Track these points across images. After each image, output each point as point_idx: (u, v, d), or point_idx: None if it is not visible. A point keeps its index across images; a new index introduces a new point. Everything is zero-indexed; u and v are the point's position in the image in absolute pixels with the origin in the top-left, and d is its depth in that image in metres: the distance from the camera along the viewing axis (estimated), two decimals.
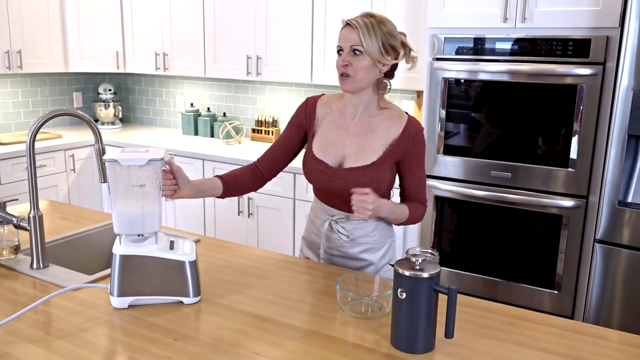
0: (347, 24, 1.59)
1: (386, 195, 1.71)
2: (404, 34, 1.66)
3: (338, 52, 1.61)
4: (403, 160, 1.67)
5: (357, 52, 1.56)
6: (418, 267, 1.19)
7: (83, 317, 1.37)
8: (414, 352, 1.23)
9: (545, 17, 2.50)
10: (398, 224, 1.74)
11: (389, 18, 1.62)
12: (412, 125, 1.66)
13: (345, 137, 1.68)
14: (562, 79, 2.49)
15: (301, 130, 1.77)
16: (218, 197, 1.70)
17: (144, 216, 1.41)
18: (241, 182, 1.74)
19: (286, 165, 1.81)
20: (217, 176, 1.70)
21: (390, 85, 1.65)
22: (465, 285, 2.88)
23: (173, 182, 1.52)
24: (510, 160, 2.67)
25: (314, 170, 1.70)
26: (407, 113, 1.70)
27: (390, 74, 1.66)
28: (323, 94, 1.79)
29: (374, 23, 1.56)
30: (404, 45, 1.63)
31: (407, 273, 1.19)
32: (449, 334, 1.21)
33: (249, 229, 3.54)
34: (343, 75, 1.59)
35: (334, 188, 1.67)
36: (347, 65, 1.57)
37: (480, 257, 2.83)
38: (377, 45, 1.55)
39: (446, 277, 2.91)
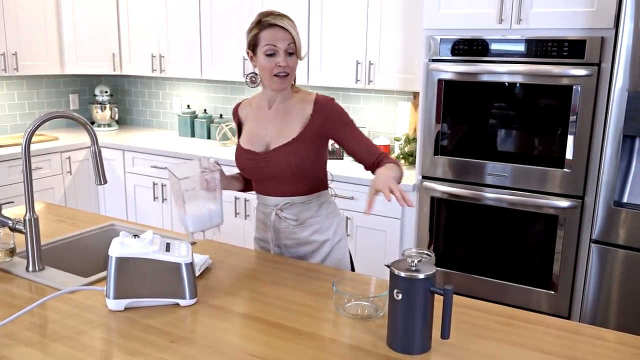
0: (275, 25, 1.67)
1: (315, 173, 1.80)
2: None
3: (270, 54, 1.68)
4: (330, 134, 1.76)
5: (290, 52, 1.69)
6: (414, 268, 1.20)
7: (79, 320, 1.37)
8: (410, 353, 1.23)
9: (541, 18, 2.51)
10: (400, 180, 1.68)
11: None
12: (320, 100, 1.76)
13: (265, 125, 1.80)
14: (557, 79, 2.50)
15: None
16: (240, 191, 1.95)
17: (211, 213, 1.69)
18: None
19: None
20: (238, 173, 1.93)
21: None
22: (461, 286, 2.88)
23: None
24: (506, 160, 2.68)
25: (244, 160, 1.82)
26: (317, 93, 1.80)
27: None
28: (244, 100, 1.94)
29: (293, 24, 1.70)
30: None
31: (403, 274, 1.19)
32: (445, 334, 1.22)
33: (246, 230, 3.54)
34: (279, 76, 1.69)
35: (265, 172, 1.78)
36: (286, 65, 1.68)
37: (476, 257, 2.83)
38: (300, 45, 1.72)
39: (442, 278, 2.92)
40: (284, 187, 1.79)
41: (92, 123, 4.52)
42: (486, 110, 2.69)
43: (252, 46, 1.72)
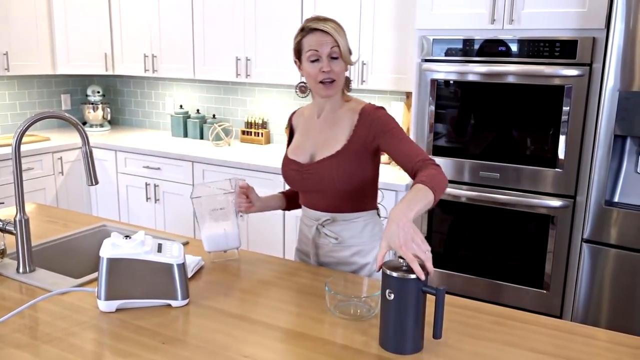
0: (317, 29, 1.61)
1: (361, 190, 1.69)
2: None
3: (314, 59, 1.62)
4: (375, 145, 1.64)
5: (335, 57, 1.62)
6: (406, 269, 1.20)
7: (70, 321, 1.36)
8: (402, 353, 1.23)
9: (533, 18, 2.52)
10: (437, 198, 1.47)
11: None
12: (366, 110, 1.66)
13: (312, 135, 1.75)
14: (549, 79, 2.51)
15: None
16: (283, 210, 1.92)
17: (227, 235, 1.74)
18: (297, 197, 1.86)
19: None
20: (281, 192, 1.92)
21: (351, 80, 1.72)
22: (454, 286, 2.89)
23: (247, 201, 1.77)
24: (498, 160, 2.69)
25: (289, 170, 1.77)
26: (368, 103, 1.71)
27: None
28: (299, 108, 1.88)
29: (338, 28, 1.63)
30: None
31: (395, 274, 1.19)
32: (437, 334, 1.22)
33: (240, 230, 3.53)
34: (325, 82, 1.63)
35: (308, 185, 1.72)
36: (330, 71, 1.61)
37: (469, 257, 2.84)
38: (347, 49, 1.63)
39: (435, 278, 2.92)
40: (328, 201, 1.70)
41: (84, 123, 4.50)
42: (478, 110, 2.69)
43: (297, 53, 1.67)
